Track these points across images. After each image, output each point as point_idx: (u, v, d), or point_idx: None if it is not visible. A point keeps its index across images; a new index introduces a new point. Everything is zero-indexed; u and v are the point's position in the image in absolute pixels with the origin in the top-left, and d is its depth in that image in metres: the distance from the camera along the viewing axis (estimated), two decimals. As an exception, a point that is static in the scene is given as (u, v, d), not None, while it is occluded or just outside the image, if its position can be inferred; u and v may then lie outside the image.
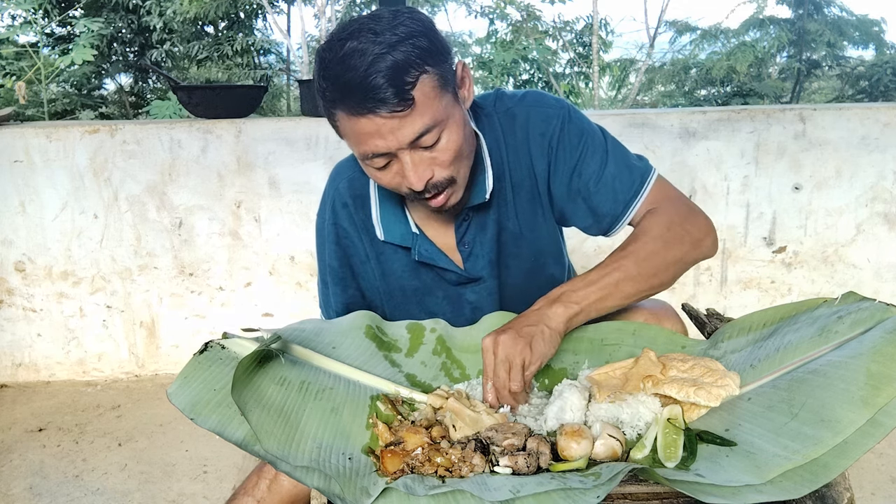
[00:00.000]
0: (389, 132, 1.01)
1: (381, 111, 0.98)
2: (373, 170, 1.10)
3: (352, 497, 0.80)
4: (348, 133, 1.05)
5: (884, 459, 2.06)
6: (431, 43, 1.02)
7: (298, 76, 11.84)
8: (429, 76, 1.01)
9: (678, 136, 2.69)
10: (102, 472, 2.13)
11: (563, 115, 1.24)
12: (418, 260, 1.27)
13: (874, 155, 2.68)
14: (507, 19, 12.26)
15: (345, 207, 1.30)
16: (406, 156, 1.04)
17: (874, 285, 2.80)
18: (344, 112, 1.02)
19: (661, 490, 0.85)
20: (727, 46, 10.92)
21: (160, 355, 2.83)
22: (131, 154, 2.64)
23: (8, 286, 2.73)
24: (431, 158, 1.06)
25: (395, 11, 1.03)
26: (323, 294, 1.39)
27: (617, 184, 1.22)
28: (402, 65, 0.98)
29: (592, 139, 1.24)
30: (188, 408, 0.87)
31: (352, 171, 1.30)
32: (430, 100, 1.02)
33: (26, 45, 6.75)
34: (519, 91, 1.30)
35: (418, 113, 1.01)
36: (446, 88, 1.06)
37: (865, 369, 0.84)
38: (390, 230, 1.27)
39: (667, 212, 1.20)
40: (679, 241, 1.16)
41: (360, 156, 1.08)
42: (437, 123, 1.04)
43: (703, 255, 1.20)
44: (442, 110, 1.04)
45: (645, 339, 1.16)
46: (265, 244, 2.75)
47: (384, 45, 0.98)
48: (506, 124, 1.25)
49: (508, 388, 1.02)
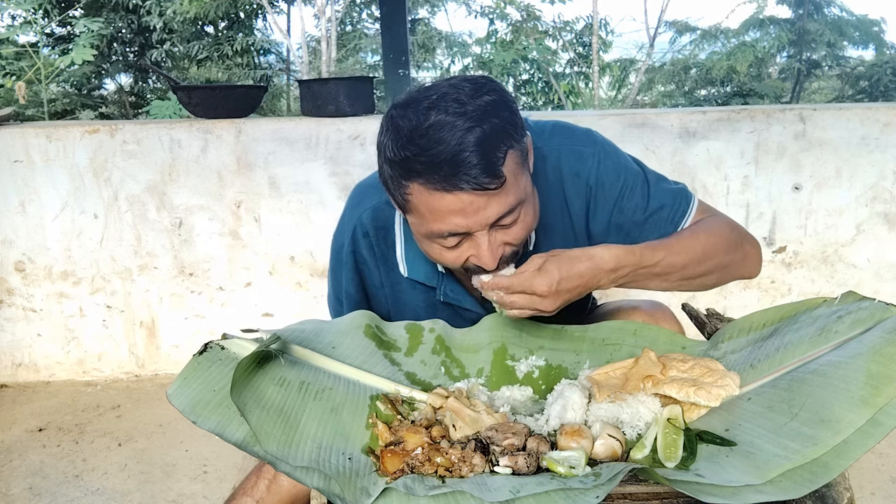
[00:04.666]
0: (474, 211, 0.97)
1: (470, 188, 0.94)
2: (438, 248, 1.04)
3: (352, 497, 0.80)
4: (423, 209, 0.99)
5: (884, 459, 2.06)
6: (513, 115, 0.99)
7: (298, 76, 11.84)
8: (514, 152, 0.98)
9: (678, 136, 2.68)
10: (102, 472, 2.13)
11: (598, 154, 1.19)
12: (443, 301, 1.25)
13: (874, 155, 2.68)
14: (507, 19, 12.26)
15: (366, 237, 1.26)
16: (484, 237, 1.00)
17: (874, 285, 2.80)
18: (424, 185, 0.96)
19: (661, 490, 0.85)
20: (727, 46, 10.91)
21: (160, 355, 2.83)
22: (131, 154, 2.64)
23: (8, 286, 2.73)
24: (506, 234, 1.03)
25: (475, 81, 0.99)
26: (336, 311, 1.36)
27: (664, 212, 1.19)
28: (493, 140, 0.94)
29: (630, 173, 1.20)
30: (188, 409, 0.87)
31: (376, 199, 1.25)
32: (515, 177, 0.99)
33: (26, 45, 6.74)
34: (546, 124, 1.24)
35: (506, 191, 0.97)
36: (525, 164, 1.02)
37: (865, 369, 0.84)
38: (415, 268, 1.24)
39: (724, 221, 1.20)
40: (736, 247, 1.16)
41: (431, 233, 1.02)
42: (521, 202, 1.00)
43: (748, 271, 1.19)
44: (524, 188, 1.01)
45: (645, 339, 1.16)
46: (265, 244, 2.74)
47: (473, 119, 0.94)
48: (536, 165, 1.19)
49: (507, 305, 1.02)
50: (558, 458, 0.87)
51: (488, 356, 1.15)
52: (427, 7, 13.08)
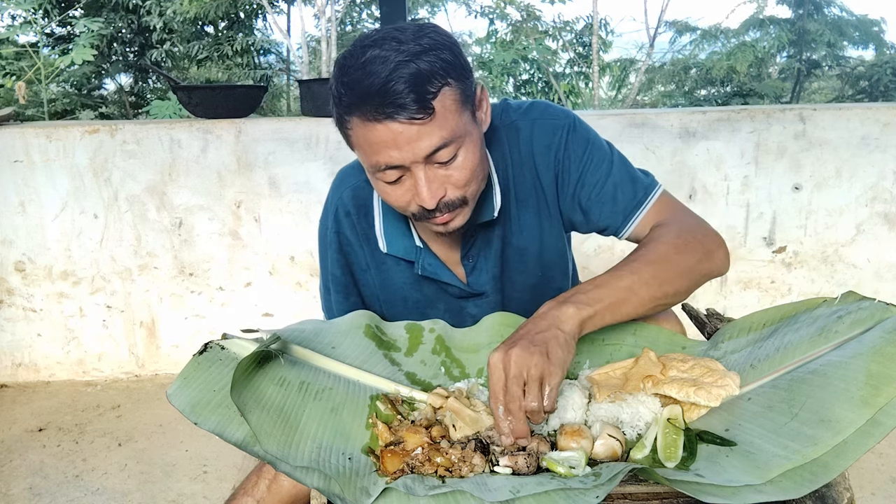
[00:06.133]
0: (406, 142, 0.97)
1: (399, 117, 0.95)
2: (382, 184, 1.06)
3: (352, 497, 0.80)
4: (361, 142, 1.01)
5: (884, 459, 2.06)
6: (455, 57, 1.00)
7: (298, 76, 11.84)
8: (451, 89, 0.99)
9: (678, 136, 2.69)
10: (102, 472, 2.13)
11: (567, 126, 1.21)
12: (421, 274, 1.27)
13: (874, 155, 2.68)
14: (507, 19, 12.27)
15: (347, 216, 1.29)
16: (420, 171, 1.01)
17: (874, 285, 2.80)
18: (359, 118, 0.98)
19: (661, 490, 0.85)
20: (727, 46, 10.92)
21: (160, 355, 2.83)
22: (131, 154, 2.64)
23: (8, 286, 2.73)
24: (446, 176, 1.03)
25: (420, 25, 1.01)
26: (325, 300, 1.39)
27: (619, 194, 1.20)
28: (426, 74, 0.95)
29: (598, 150, 1.22)
30: (188, 409, 0.87)
31: (356, 179, 1.29)
32: (450, 113, 0.99)
33: (26, 45, 6.74)
34: (525, 102, 1.27)
35: (437, 124, 0.98)
36: (466, 106, 1.03)
37: (865, 369, 0.84)
38: (393, 243, 1.26)
39: (676, 223, 1.18)
40: (691, 249, 1.13)
41: (371, 167, 1.04)
42: (455, 139, 1.01)
43: (715, 268, 1.17)
44: (461, 126, 1.02)
45: (645, 339, 1.16)
46: (265, 244, 2.75)
47: (408, 54, 0.95)
48: (510, 138, 1.23)
49: (526, 407, 0.87)
50: (558, 458, 0.87)
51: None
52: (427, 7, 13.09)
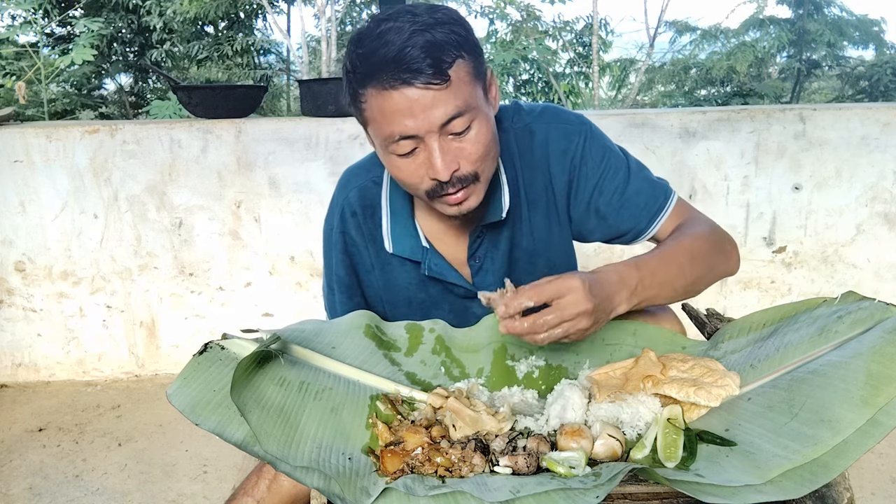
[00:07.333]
0: (421, 110, 0.97)
1: (416, 82, 0.96)
2: (395, 159, 1.05)
3: (352, 497, 0.80)
4: (375, 114, 1.01)
5: (884, 459, 2.06)
6: (468, 34, 1.02)
7: (298, 76, 11.83)
8: (465, 62, 1.00)
9: (678, 136, 2.68)
10: (102, 472, 2.13)
11: (584, 132, 1.22)
12: (427, 274, 1.26)
13: (874, 155, 2.68)
14: (506, 19, 12.26)
15: (353, 216, 1.28)
16: (434, 141, 1.01)
17: (874, 285, 2.80)
18: (375, 87, 0.98)
19: (661, 490, 0.85)
20: (727, 46, 10.92)
21: (160, 355, 2.83)
22: (131, 154, 2.64)
23: (8, 286, 2.73)
24: (459, 149, 1.03)
25: (435, 5, 1.03)
26: (329, 300, 1.38)
27: (640, 199, 1.22)
28: (441, 43, 0.97)
29: (614, 157, 1.23)
30: (188, 409, 0.87)
31: (363, 178, 1.28)
32: (464, 84, 1.00)
33: (26, 45, 6.74)
34: (537, 105, 1.27)
35: (452, 93, 0.98)
36: (479, 81, 1.04)
37: (865, 369, 0.84)
38: (400, 243, 1.25)
39: (705, 222, 1.21)
40: (719, 249, 1.16)
41: (385, 139, 1.03)
42: (469, 110, 1.01)
43: (730, 269, 1.20)
44: (475, 99, 1.02)
45: (645, 339, 1.16)
46: (265, 244, 2.75)
47: (423, 24, 0.97)
48: (523, 140, 1.23)
49: (535, 323, 0.94)
50: (558, 458, 0.87)
51: (488, 356, 1.15)
52: (427, 7, 13.06)
